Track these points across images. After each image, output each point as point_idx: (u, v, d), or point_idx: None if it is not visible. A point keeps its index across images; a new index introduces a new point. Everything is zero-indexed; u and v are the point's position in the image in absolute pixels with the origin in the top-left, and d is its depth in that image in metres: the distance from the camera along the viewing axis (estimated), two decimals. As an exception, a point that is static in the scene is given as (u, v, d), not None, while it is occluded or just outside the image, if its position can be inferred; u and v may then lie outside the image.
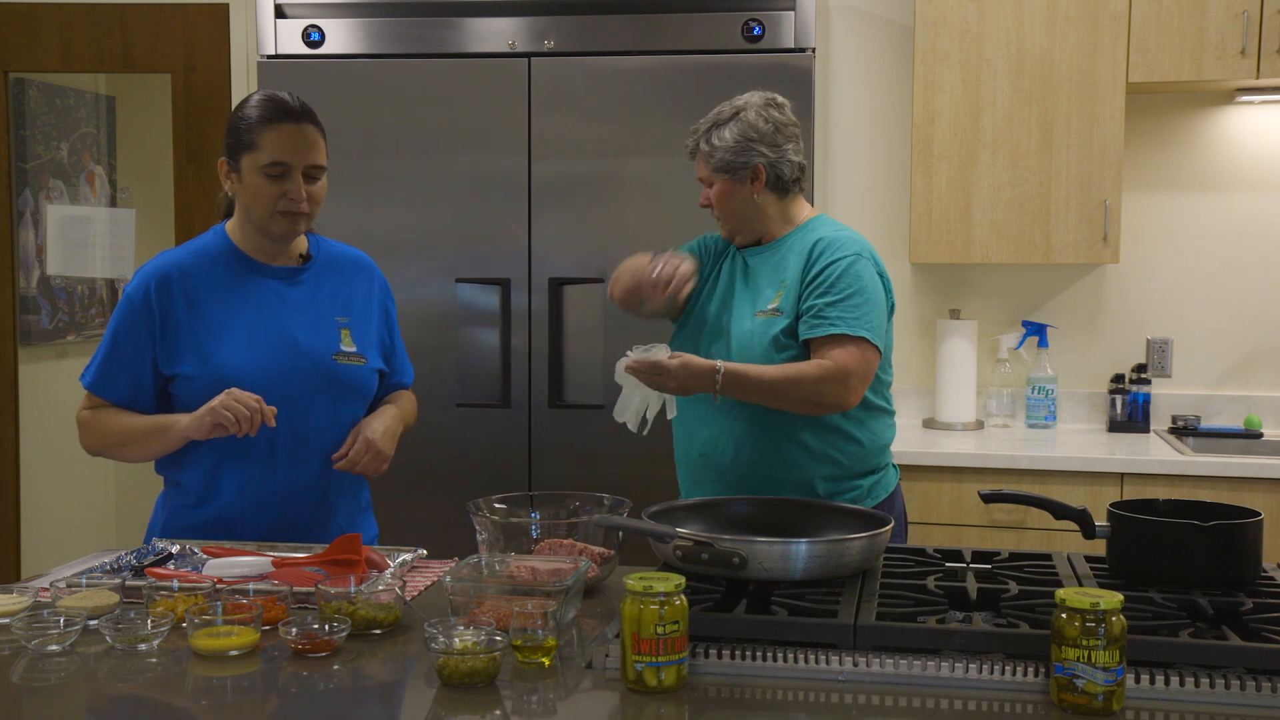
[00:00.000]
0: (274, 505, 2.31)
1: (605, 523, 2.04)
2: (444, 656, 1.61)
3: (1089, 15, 3.55)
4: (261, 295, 2.32)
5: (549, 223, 3.56)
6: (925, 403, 4.00)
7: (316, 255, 2.41)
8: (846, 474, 2.47)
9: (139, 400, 2.30)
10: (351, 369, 2.35)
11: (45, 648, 1.75)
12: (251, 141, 2.25)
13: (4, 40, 4.30)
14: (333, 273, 2.42)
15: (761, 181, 2.50)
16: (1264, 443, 3.67)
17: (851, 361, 2.36)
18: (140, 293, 2.28)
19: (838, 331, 2.37)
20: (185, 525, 2.33)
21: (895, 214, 3.97)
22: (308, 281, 2.37)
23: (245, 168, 2.27)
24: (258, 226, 2.31)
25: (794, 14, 3.48)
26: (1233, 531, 1.83)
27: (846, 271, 2.42)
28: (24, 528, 4.48)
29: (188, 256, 2.34)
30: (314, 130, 2.30)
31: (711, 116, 2.54)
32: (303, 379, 2.29)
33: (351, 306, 2.41)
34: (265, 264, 2.34)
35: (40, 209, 4.88)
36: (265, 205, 2.27)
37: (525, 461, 3.58)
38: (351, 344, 2.37)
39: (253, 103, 2.29)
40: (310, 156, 2.28)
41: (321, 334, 2.34)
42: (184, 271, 2.31)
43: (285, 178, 2.26)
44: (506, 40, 3.59)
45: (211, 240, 2.36)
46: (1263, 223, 3.86)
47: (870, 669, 1.62)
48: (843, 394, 2.37)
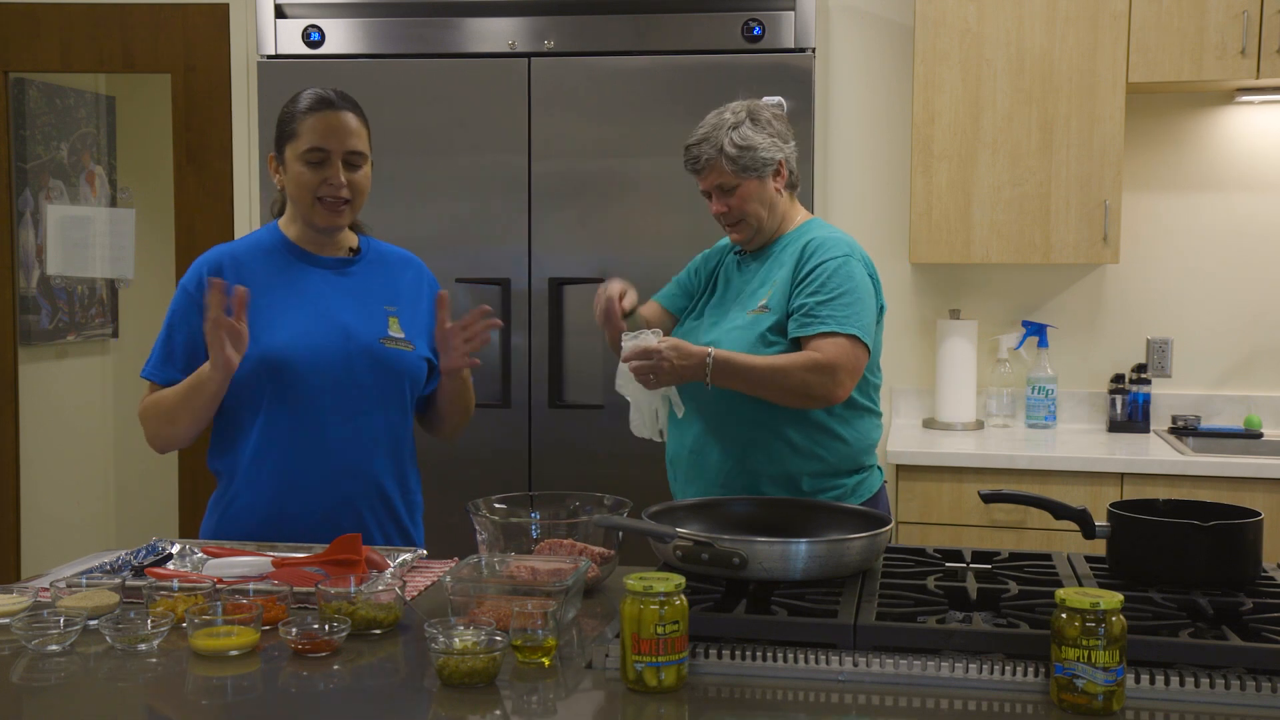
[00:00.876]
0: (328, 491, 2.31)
1: (605, 523, 2.04)
2: (444, 656, 1.61)
3: (1089, 15, 3.55)
4: (311, 283, 2.37)
5: (549, 223, 3.56)
6: (925, 403, 4.00)
7: (366, 251, 2.47)
8: (831, 471, 2.49)
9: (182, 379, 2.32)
10: (400, 353, 2.38)
11: (45, 648, 1.75)
12: (293, 131, 2.33)
13: (4, 40, 4.30)
14: (382, 267, 2.47)
15: (783, 178, 2.53)
16: (1264, 443, 3.67)
17: (840, 355, 2.38)
18: (194, 281, 2.34)
19: (827, 329, 2.39)
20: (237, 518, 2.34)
21: (895, 214, 3.97)
22: (356, 273, 2.43)
23: (288, 158, 2.34)
24: (303, 216, 2.37)
25: (794, 14, 3.48)
26: (1233, 531, 1.83)
27: (837, 271, 2.44)
28: (24, 528, 4.48)
29: (241, 247, 2.40)
30: (353, 118, 2.35)
31: (710, 123, 2.51)
32: (351, 363, 2.32)
33: (400, 297, 2.45)
34: (315, 254, 2.40)
35: (40, 209, 4.88)
36: (307, 194, 2.33)
37: (525, 461, 3.58)
38: (399, 330, 2.40)
39: (299, 97, 2.37)
40: (349, 143, 2.33)
41: (370, 320, 2.38)
42: (236, 260, 2.36)
43: (325, 164, 2.31)
44: (506, 40, 3.59)
45: (264, 234, 2.43)
46: (1263, 223, 3.86)
47: (870, 669, 1.62)
48: (830, 386, 2.38)
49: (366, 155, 2.37)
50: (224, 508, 2.37)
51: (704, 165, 2.50)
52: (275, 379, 2.28)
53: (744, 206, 2.50)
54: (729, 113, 2.52)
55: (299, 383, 2.28)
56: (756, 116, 2.51)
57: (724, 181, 2.49)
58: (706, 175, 2.51)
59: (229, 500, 2.36)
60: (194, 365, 2.31)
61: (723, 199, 2.51)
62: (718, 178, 2.49)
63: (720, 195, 2.51)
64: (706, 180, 2.52)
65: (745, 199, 2.50)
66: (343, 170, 2.32)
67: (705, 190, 2.54)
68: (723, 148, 2.47)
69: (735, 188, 2.49)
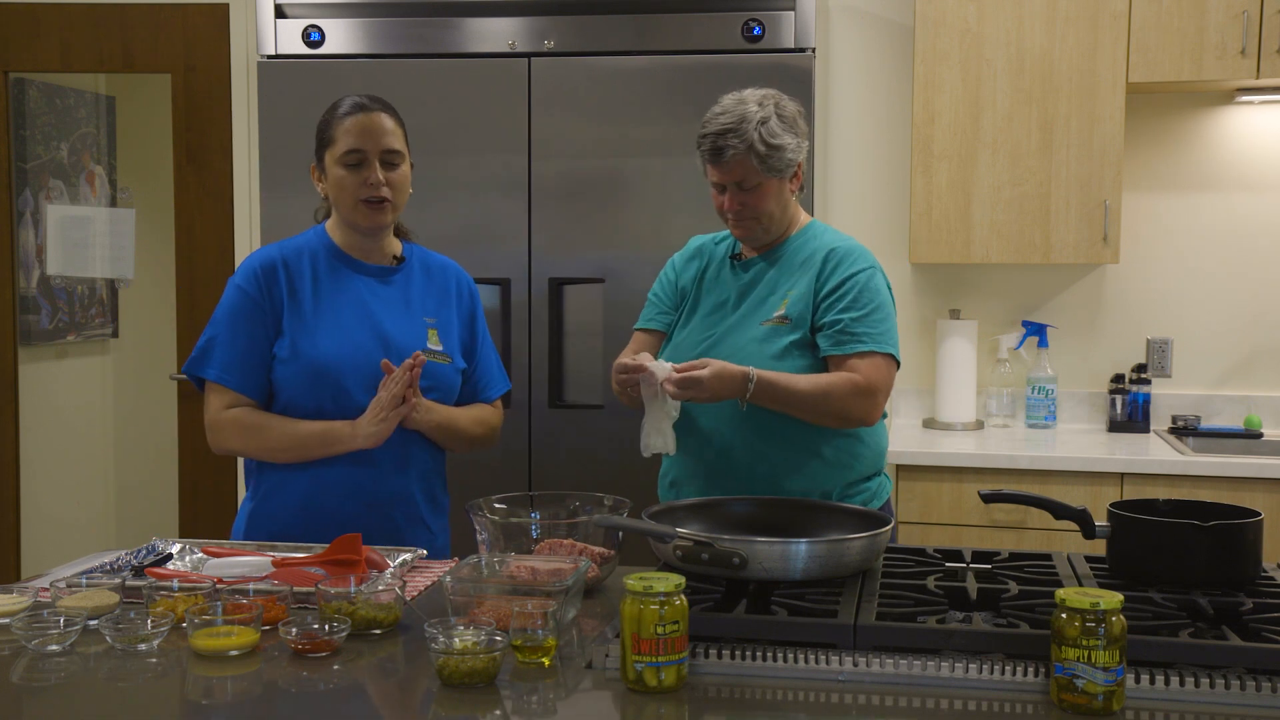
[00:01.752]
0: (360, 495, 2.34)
1: (605, 523, 2.04)
2: (444, 656, 1.61)
3: (1089, 15, 3.55)
4: (355, 290, 2.39)
5: (549, 223, 3.56)
6: (925, 403, 4.00)
7: (410, 259, 2.48)
8: (859, 478, 2.46)
9: (257, 386, 2.34)
10: (438, 367, 2.40)
11: (45, 648, 1.75)
12: (330, 137, 2.36)
13: (4, 40, 4.30)
14: (424, 276, 2.49)
15: (799, 180, 2.46)
16: (1264, 443, 3.67)
17: (879, 377, 2.34)
18: (252, 282, 2.35)
19: (866, 349, 2.34)
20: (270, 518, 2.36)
21: (895, 214, 3.97)
22: (399, 282, 2.45)
23: (328, 164, 2.37)
24: (346, 221, 2.40)
25: (794, 14, 3.48)
26: (1233, 531, 1.83)
27: (867, 285, 2.39)
28: (24, 528, 4.48)
29: (288, 250, 2.42)
30: (388, 118, 2.38)
31: (734, 111, 2.37)
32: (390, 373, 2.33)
33: (440, 309, 2.47)
34: (361, 261, 2.42)
35: (40, 209, 4.88)
36: (349, 197, 2.35)
37: (525, 461, 3.58)
38: (438, 343, 2.43)
39: (334, 105, 2.40)
40: (385, 142, 2.35)
41: (411, 331, 2.40)
42: (286, 261, 2.38)
43: (363, 165, 2.34)
44: (506, 40, 3.59)
45: (311, 237, 2.45)
46: (1263, 223, 3.86)
47: (870, 669, 1.62)
48: (869, 410, 2.35)
49: (404, 154, 2.39)
50: (255, 506, 2.39)
51: (729, 159, 2.35)
52: (319, 385, 2.30)
53: (761, 206, 2.39)
54: (754, 104, 2.38)
55: (341, 391, 2.30)
56: (783, 112, 2.40)
57: (747, 178, 2.37)
58: (729, 169, 2.36)
59: (261, 500, 2.38)
60: (262, 379, 2.33)
61: (740, 195, 2.38)
62: (741, 174, 2.36)
63: (738, 191, 2.38)
64: (728, 174, 2.37)
65: (764, 198, 2.39)
66: (380, 170, 2.34)
67: (720, 183, 2.40)
68: (752, 144, 2.33)
69: (757, 186, 2.38)
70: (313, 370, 2.30)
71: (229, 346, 2.33)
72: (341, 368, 2.30)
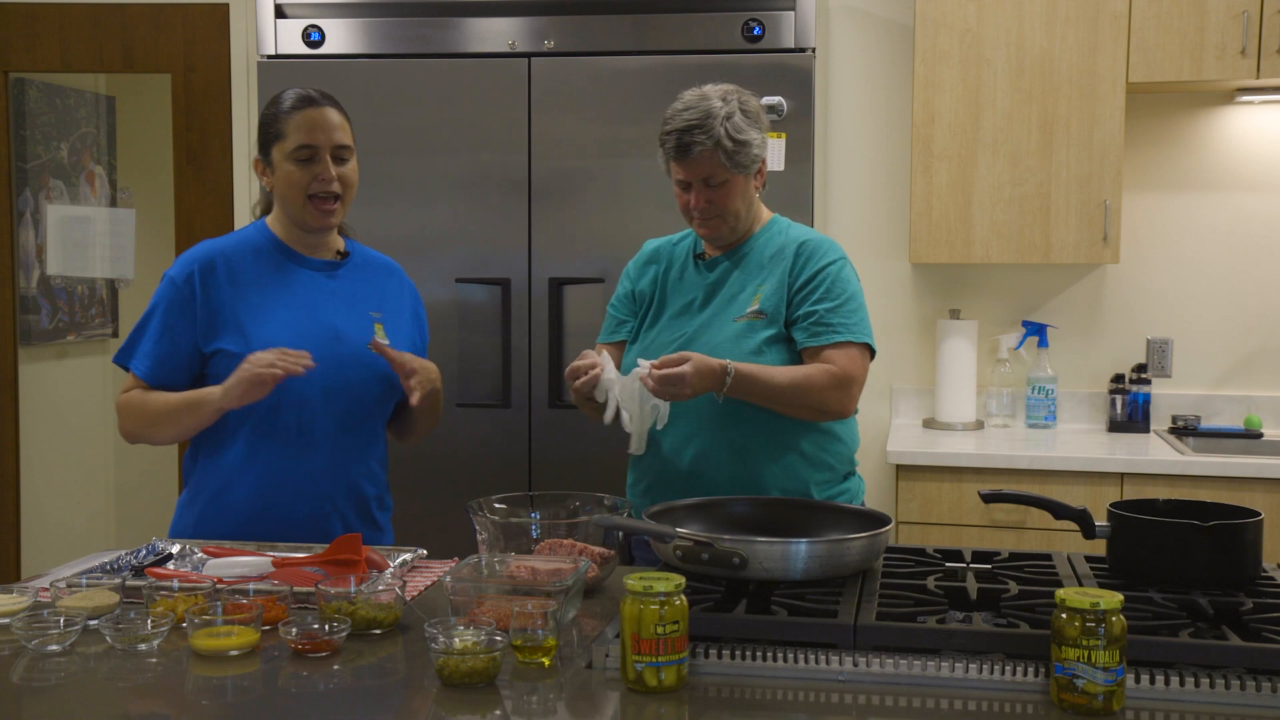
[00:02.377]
0: (307, 492, 2.33)
1: (605, 523, 2.04)
2: (444, 656, 1.61)
3: (1089, 15, 3.55)
4: (302, 284, 2.38)
5: (549, 223, 3.56)
6: (925, 403, 4.00)
7: (353, 255, 2.48)
8: (835, 478, 2.48)
9: (178, 381, 2.33)
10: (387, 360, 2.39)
11: (45, 648, 1.75)
12: (279, 131, 2.33)
13: (4, 40, 4.30)
14: (368, 272, 2.48)
15: (763, 176, 2.47)
16: (1264, 443, 3.67)
17: (853, 367, 2.36)
18: (183, 274, 2.34)
19: (842, 339, 2.36)
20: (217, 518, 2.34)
21: (895, 214, 3.97)
22: (345, 276, 2.44)
23: (276, 158, 2.34)
24: (293, 218, 2.38)
25: (794, 14, 3.48)
26: (1233, 531, 1.83)
27: (839, 276, 2.41)
28: (24, 528, 4.48)
29: (229, 245, 2.40)
30: (337, 113, 2.36)
31: (698, 107, 2.35)
32: (343, 366, 2.33)
33: (385, 304, 2.47)
34: (305, 255, 2.41)
35: (40, 209, 4.88)
36: (298, 192, 2.33)
37: (525, 461, 3.58)
38: (385, 337, 2.42)
39: (280, 98, 2.37)
40: (336, 137, 2.34)
41: (358, 324, 2.39)
42: (227, 257, 2.37)
43: (314, 160, 2.32)
44: (506, 40, 3.59)
45: (253, 232, 2.43)
46: (1263, 223, 3.86)
47: (870, 669, 1.62)
48: (845, 401, 2.37)
49: (353, 149, 2.38)
50: (203, 507, 2.36)
51: (696, 154, 2.34)
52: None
53: (727, 203, 2.39)
54: (717, 99, 2.36)
55: (290, 385, 2.26)
56: (746, 107, 2.39)
57: (714, 175, 2.36)
58: (695, 165, 2.35)
59: (208, 499, 2.35)
60: (178, 371, 2.32)
61: (706, 192, 2.37)
62: (708, 170, 2.35)
63: (704, 188, 2.37)
64: (695, 170, 2.36)
65: (731, 195, 2.39)
66: (332, 165, 2.33)
67: (685, 180, 2.38)
68: (719, 140, 2.32)
69: (724, 182, 2.37)
70: None
71: (151, 338, 2.33)
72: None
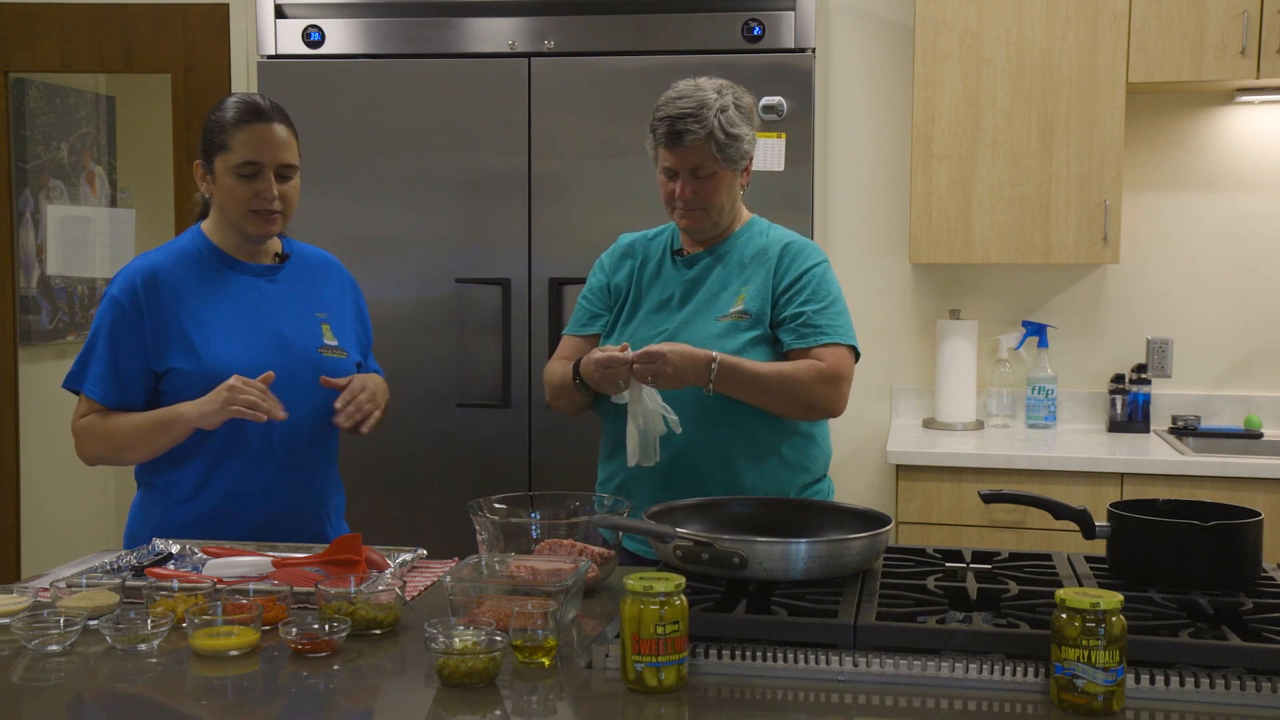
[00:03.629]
0: (266, 499, 2.33)
1: (605, 523, 2.04)
2: (444, 656, 1.61)
3: (1089, 15, 3.55)
4: (244, 292, 2.36)
5: (549, 223, 3.56)
6: (925, 403, 4.00)
7: (291, 255, 2.46)
8: (810, 481, 2.48)
9: (134, 401, 2.31)
10: (336, 361, 2.40)
11: (45, 648, 1.75)
12: (224, 143, 2.30)
13: (4, 40, 4.30)
14: (306, 271, 2.47)
15: (749, 174, 2.46)
16: (1264, 443, 3.67)
17: (843, 365, 2.36)
18: (128, 293, 2.30)
19: (830, 340, 2.37)
20: (177, 523, 2.33)
21: (895, 214, 3.97)
22: (285, 279, 2.42)
23: (219, 169, 2.31)
24: (234, 226, 2.36)
25: (794, 14, 3.48)
26: (1233, 531, 1.83)
27: (824, 279, 2.42)
28: (24, 528, 4.48)
29: (168, 257, 2.37)
30: (285, 130, 2.33)
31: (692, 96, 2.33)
32: (293, 372, 2.32)
33: (328, 303, 2.46)
34: (244, 262, 2.39)
35: (40, 209, 4.88)
36: (239, 205, 2.31)
37: (525, 461, 3.58)
38: (333, 338, 2.42)
39: (225, 105, 2.33)
40: (281, 156, 2.31)
41: (305, 329, 2.39)
42: (167, 270, 2.34)
43: (257, 177, 2.30)
44: (506, 40, 3.59)
45: (189, 240, 2.40)
46: (1263, 223, 3.86)
47: (870, 669, 1.62)
48: (835, 399, 2.36)
49: (297, 166, 2.35)
50: (160, 516, 2.34)
51: (687, 144, 2.33)
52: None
53: (713, 197, 2.38)
54: (712, 91, 2.35)
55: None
56: (740, 102, 2.38)
57: (703, 166, 2.35)
58: (685, 154, 2.34)
59: (166, 509, 2.34)
60: (134, 393, 2.29)
61: (693, 183, 2.36)
62: (698, 160, 2.34)
63: (691, 179, 2.36)
64: (684, 160, 2.34)
65: (717, 189, 2.38)
66: (275, 183, 2.31)
67: (672, 168, 2.37)
68: (712, 131, 2.31)
69: (712, 175, 2.36)
70: (214, 378, 2.23)
71: (101, 360, 2.30)
72: (242, 372, 2.23)
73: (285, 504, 2.35)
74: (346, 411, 2.31)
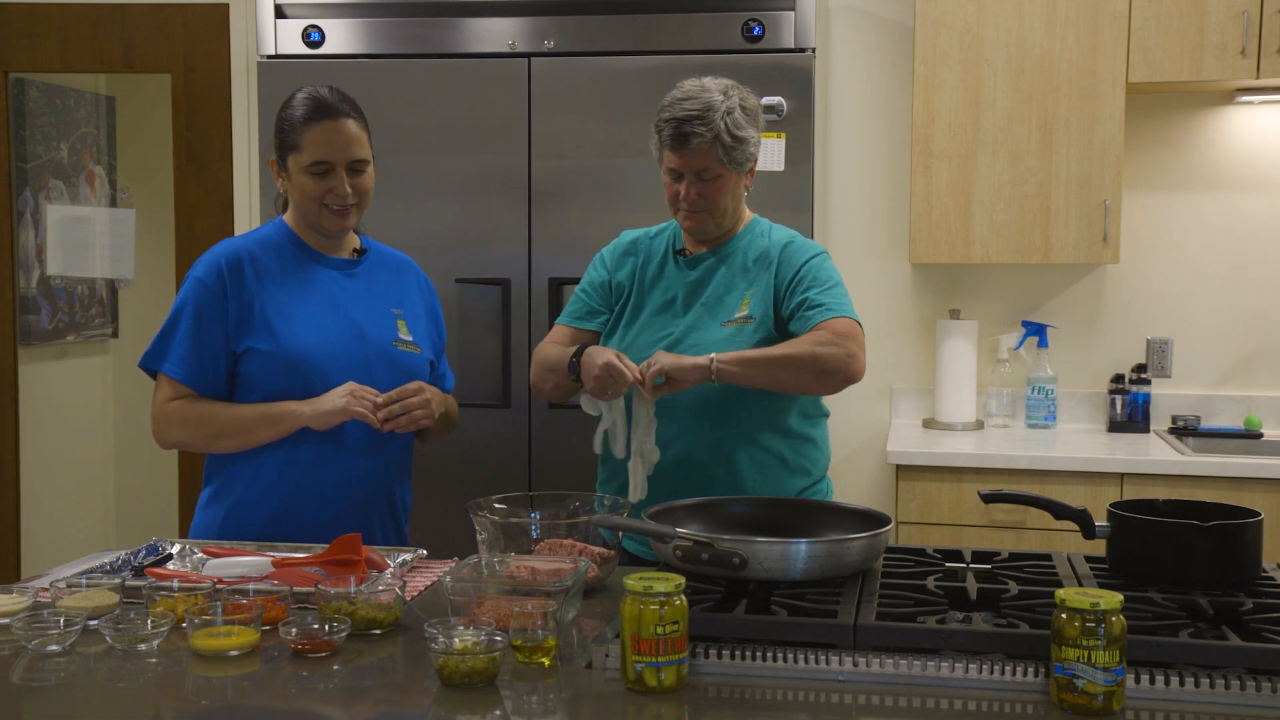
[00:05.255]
0: (339, 494, 2.33)
1: (605, 523, 2.04)
2: (444, 656, 1.61)
3: (1089, 15, 3.55)
4: (323, 282, 2.39)
5: (549, 223, 3.56)
6: (925, 403, 4.00)
7: (370, 251, 2.49)
8: (810, 481, 2.48)
9: (219, 383, 2.32)
10: (410, 355, 2.42)
11: (45, 648, 1.75)
12: (295, 143, 2.33)
13: (4, 40, 4.30)
14: (384, 268, 2.50)
15: (753, 177, 2.45)
16: (1264, 443, 3.67)
17: (847, 328, 2.31)
18: (213, 274, 2.33)
19: (833, 315, 2.34)
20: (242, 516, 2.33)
21: (895, 214, 3.97)
22: (363, 274, 2.45)
23: (292, 168, 2.35)
24: (308, 223, 2.39)
25: (794, 14, 3.48)
26: (1233, 531, 1.83)
27: (823, 266, 2.42)
28: (24, 528, 4.48)
29: (252, 243, 2.40)
30: (354, 124, 2.35)
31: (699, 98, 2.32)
32: (368, 363, 2.34)
33: (404, 301, 2.48)
34: (324, 254, 2.42)
35: (40, 209, 4.88)
36: (313, 203, 2.34)
37: (525, 461, 3.58)
38: (408, 334, 2.44)
39: (295, 102, 2.36)
40: (351, 152, 2.33)
41: (380, 321, 2.41)
42: (251, 254, 2.36)
43: (329, 175, 2.32)
44: (506, 40, 3.59)
45: (272, 230, 2.43)
46: (1263, 223, 3.86)
47: (870, 669, 1.62)
48: (847, 359, 2.27)
49: (369, 160, 2.38)
50: (229, 506, 2.36)
51: (694, 145, 2.31)
52: (294, 378, 2.29)
53: (717, 199, 2.37)
54: (718, 93, 2.34)
55: (318, 381, 2.29)
56: (746, 104, 2.37)
57: (708, 168, 2.34)
58: (691, 157, 2.33)
59: (235, 499, 2.35)
60: (219, 373, 2.31)
61: (698, 185, 2.35)
62: (704, 162, 2.33)
63: (696, 180, 2.35)
64: (690, 162, 2.33)
65: (722, 191, 2.37)
66: (347, 178, 2.33)
67: (677, 169, 2.36)
68: (719, 134, 2.30)
69: (717, 177, 2.36)
70: (291, 361, 2.28)
71: (184, 340, 2.31)
72: (319, 358, 2.29)
73: (356, 502, 2.35)
74: (390, 410, 2.28)
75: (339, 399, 2.25)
